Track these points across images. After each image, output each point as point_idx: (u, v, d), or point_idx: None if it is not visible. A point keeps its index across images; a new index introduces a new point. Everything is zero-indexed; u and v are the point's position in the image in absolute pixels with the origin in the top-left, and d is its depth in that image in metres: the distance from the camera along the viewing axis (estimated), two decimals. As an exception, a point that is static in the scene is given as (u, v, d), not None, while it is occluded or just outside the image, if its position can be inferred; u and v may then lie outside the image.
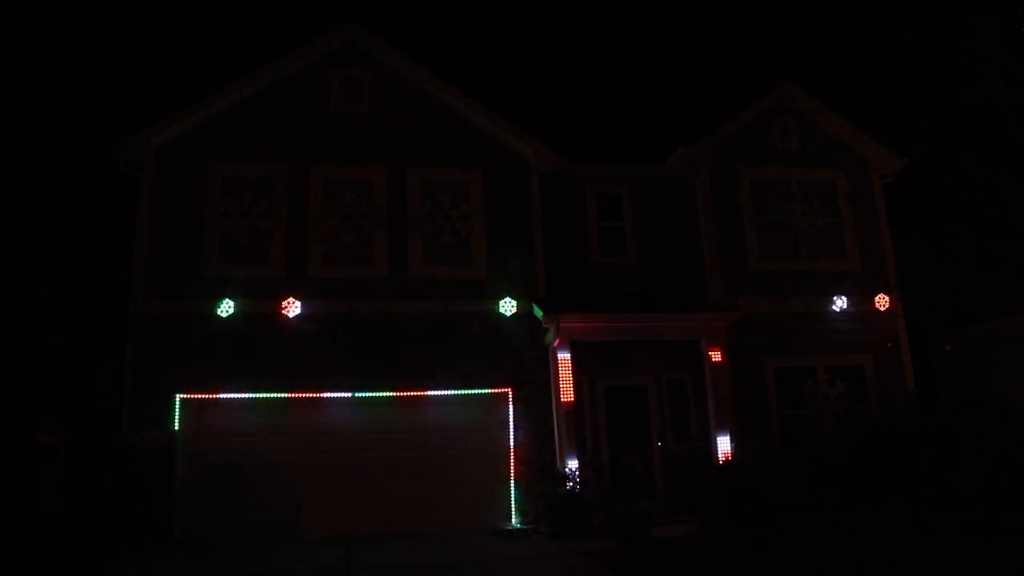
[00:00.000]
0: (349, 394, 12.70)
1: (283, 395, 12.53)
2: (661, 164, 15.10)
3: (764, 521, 10.75)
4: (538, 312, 13.14)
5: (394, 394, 12.83)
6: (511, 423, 13.07)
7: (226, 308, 12.62)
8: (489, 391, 13.15)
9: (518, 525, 12.36)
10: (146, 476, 11.43)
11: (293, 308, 12.70)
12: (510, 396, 13.16)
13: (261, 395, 12.47)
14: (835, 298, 14.42)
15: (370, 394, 12.75)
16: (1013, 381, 14.94)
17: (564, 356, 12.79)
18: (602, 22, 38.00)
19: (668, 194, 15.22)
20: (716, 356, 13.14)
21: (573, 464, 12.36)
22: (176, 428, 12.09)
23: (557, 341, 12.84)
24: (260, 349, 12.63)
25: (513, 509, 12.69)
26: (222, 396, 12.39)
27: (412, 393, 12.88)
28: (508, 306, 13.41)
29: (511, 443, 12.99)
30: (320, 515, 12.26)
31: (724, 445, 12.80)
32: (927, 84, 9.59)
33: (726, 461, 12.50)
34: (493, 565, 9.58)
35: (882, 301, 14.37)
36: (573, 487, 12.02)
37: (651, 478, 13.73)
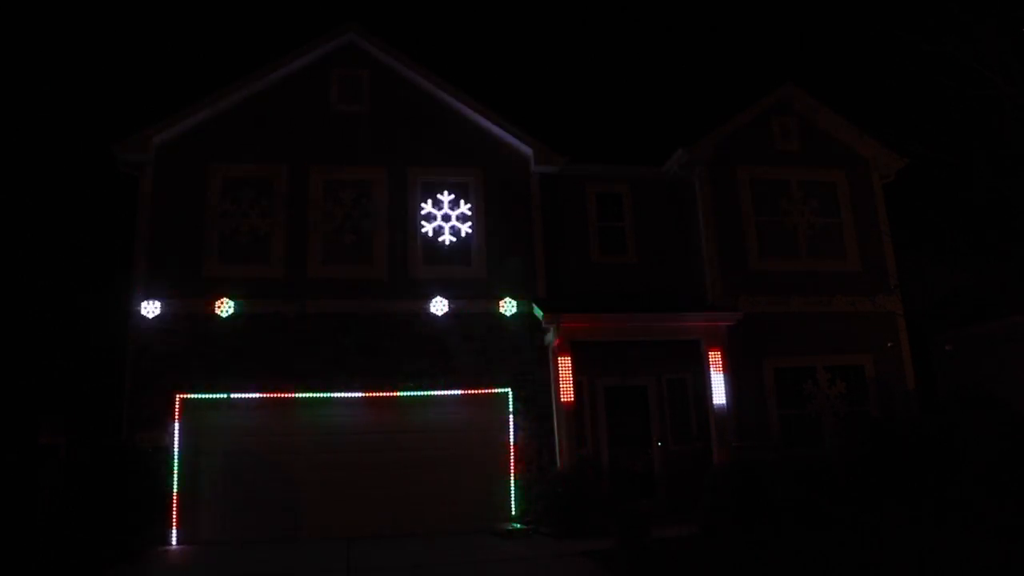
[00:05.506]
0: (349, 394, 12.70)
1: (283, 395, 12.53)
2: (661, 164, 15.11)
3: (764, 521, 10.74)
4: (538, 312, 13.13)
5: (394, 394, 12.83)
6: (511, 423, 13.08)
7: (226, 308, 12.63)
8: (489, 391, 13.15)
9: (518, 525, 12.35)
10: (146, 476, 11.44)
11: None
12: (510, 396, 13.16)
13: (261, 395, 12.47)
14: (835, 298, 14.42)
15: (370, 394, 12.75)
16: (1013, 381, 14.95)
17: (564, 356, 12.79)
18: (602, 22, 38.00)
19: (668, 194, 15.24)
20: (716, 356, 13.14)
21: (573, 464, 12.34)
22: (176, 428, 12.10)
23: (557, 341, 12.84)
24: (260, 349, 12.63)
25: (513, 509, 12.70)
26: (222, 396, 12.38)
27: (412, 393, 12.88)
28: (508, 306, 13.41)
29: (511, 443, 12.99)
30: (320, 515, 12.26)
31: (724, 445, 12.80)
32: (927, 84, 9.59)
33: (726, 461, 12.48)
34: (493, 565, 9.58)
35: (882, 301, 14.36)
36: (573, 487, 12.01)
37: (651, 478, 13.73)
